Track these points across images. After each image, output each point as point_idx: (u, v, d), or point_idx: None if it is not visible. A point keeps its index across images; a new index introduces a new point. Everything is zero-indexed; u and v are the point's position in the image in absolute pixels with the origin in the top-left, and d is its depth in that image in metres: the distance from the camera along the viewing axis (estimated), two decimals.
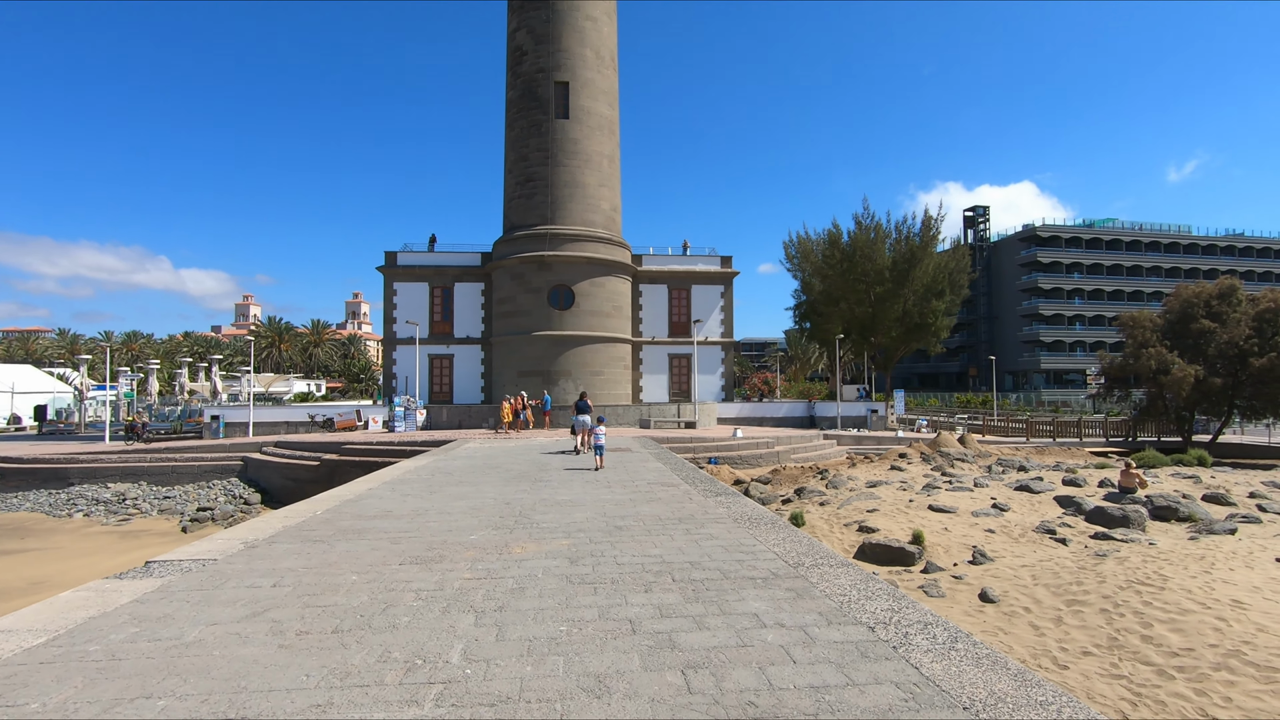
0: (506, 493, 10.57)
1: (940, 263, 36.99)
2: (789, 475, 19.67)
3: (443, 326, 36.22)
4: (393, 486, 11.20)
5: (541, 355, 33.21)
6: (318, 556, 6.39)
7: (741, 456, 24.42)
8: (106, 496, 24.17)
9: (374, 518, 8.45)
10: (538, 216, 34.32)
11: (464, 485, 11.42)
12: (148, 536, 20.57)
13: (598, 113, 35.50)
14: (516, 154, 35.33)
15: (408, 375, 34.45)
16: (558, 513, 8.76)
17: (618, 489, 10.87)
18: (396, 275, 36.09)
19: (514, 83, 35.80)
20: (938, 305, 37.20)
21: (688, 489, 10.73)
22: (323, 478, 23.28)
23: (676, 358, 37.76)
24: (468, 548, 6.77)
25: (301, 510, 8.95)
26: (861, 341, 39.79)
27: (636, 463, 15.02)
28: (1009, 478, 18.77)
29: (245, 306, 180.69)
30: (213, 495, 24.54)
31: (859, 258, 38.26)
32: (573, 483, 11.75)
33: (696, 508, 9.02)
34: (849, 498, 16.66)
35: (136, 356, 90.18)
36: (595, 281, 34.24)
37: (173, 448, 28.40)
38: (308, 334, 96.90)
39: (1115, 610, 9.49)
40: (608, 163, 35.93)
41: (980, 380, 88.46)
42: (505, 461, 15.71)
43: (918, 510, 15.07)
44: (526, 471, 13.52)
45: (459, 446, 20.48)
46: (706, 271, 38.35)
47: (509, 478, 12.52)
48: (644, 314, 37.57)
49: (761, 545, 6.71)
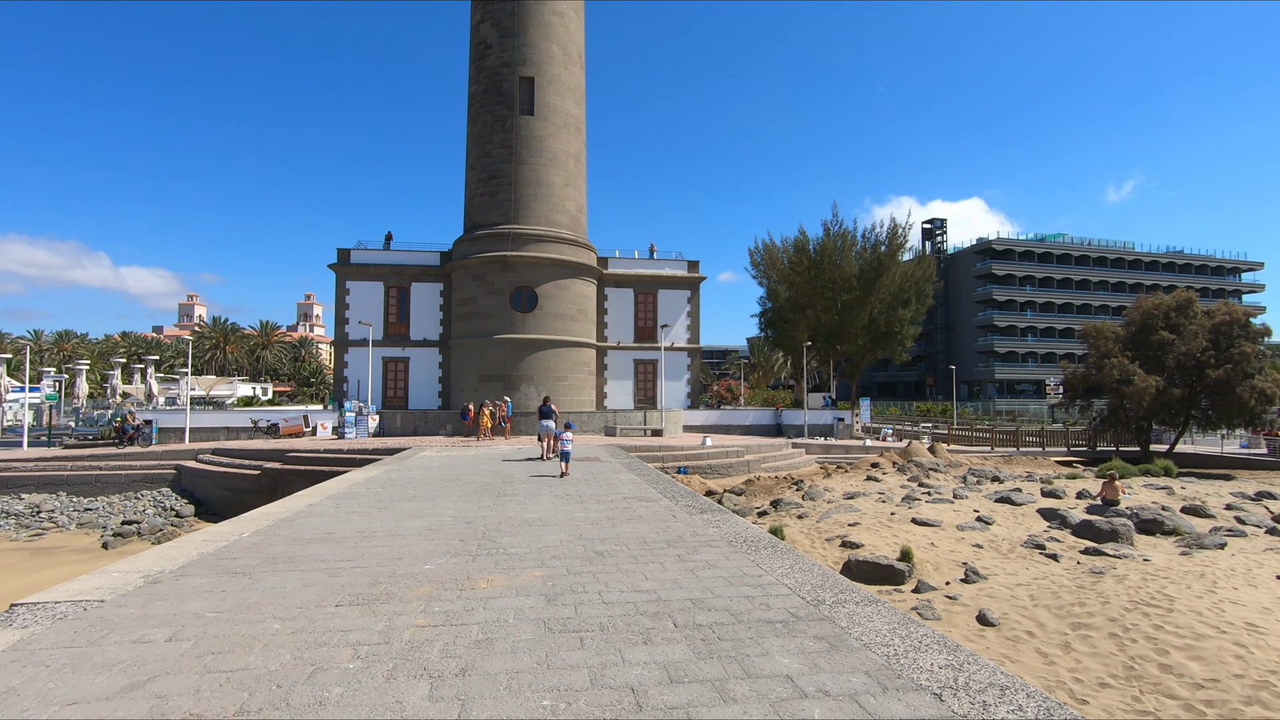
0: (468, 509, 9.44)
1: (907, 271, 37.04)
2: (763, 486, 18.90)
3: (398, 328, 34.56)
4: (337, 502, 9.95)
5: (503, 359, 31.90)
6: (235, 595, 5.21)
7: (711, 466, 23.59)
8: (18, 509, 21.96)
9: (311, 541, 7.25)
10: (500, 215, 33.05)
11: (419, 500, 10.23)
12: (63, 553, 18.59)
13: (564, 110, 34.47)
14: (479, 150, 34.02)
15: (360, 379, 32.69)
16: (528, 535, 7.69)
17: (592, 505, 9.85)
18: (349, 274, 34.31)
19: (477, 76, 34.51)
20: (904, 314, 37.22)
21: (669, 505, 9.77)
22: (265, 488, 21.57)
23: (642, 363, 36.87)
24: (422, 581, 5.67)
25: (225, 532, 7.68)
26: (828, 349, 39.57)
27: (608, 474, 14.00)
28: (986, 489, 18.37)
29: (190, 307, 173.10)
30: (140, 507, 22.52)
31: (826, 265, 38.05)
32: (541, 497, 10.67)
33: (683, 527, 8.07)
34: (827, 510, 15.95)
35: (69, 357, 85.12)
36: (559, 284, 33.13)
37: (99, 454, 26.15)
38: (255, 336, 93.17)
39: (1126, 635, 8.87)
40: (574, 162, 34.91)
41: (937, 389, 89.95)
42: (465, 472, 14.50)
43: (901, 524, 14.43)
44: (489, 484, 12.37)
45: (414, 455, 19.13)
46: (673, 276, 37.63)
47: (470, 491, 11.37)
48: (609, 318, 36.58)
49: (768, 575, 5.79)
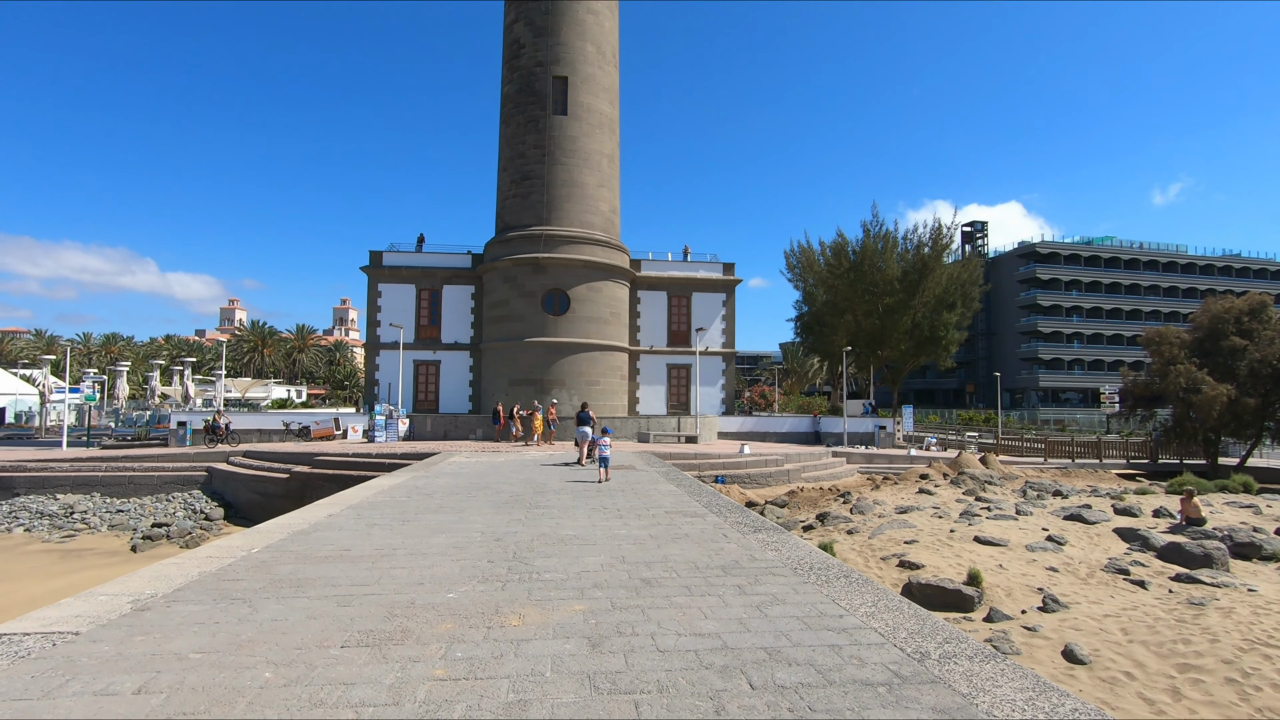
0: (497, 523, 8.66)
1: (952, 274, 35.52)
2: (807, 498, 17.84)
3: (430, 331, 34.23)
4: (358, 513, 9.26)
5: (535, 363, 31.30)
6: (228, 630, 4.47)
7: (750, 475, 22.57)
8: (53, 509, 21.95)
9: (325, 560, 6.53)
10: (533, 217, 32.52)
11: (445, 512, 9.50)
12: (92, 556, 18.39)
13: (598, 110, 33.86)
14: (512, 151, 33.58)
15: (391, 382, 32.39)
16: (564, 555, 6.86)
17: (632, 520, 8.99)
18: (381, 276, 34.12)
19: (510, 77, 34.11)
20: (949, 318, 35.67)
21: (716, 521, 8.87)
22: (293, 492, 21.20)
23: (675, 368, 36.00)
24: (444, 615, 4.88)
25: (234, 547, 7.01)
26: (868, 355, 38.18)
27: (646, 484, 13.14)
28: (1051, 504, 17.04)
29: (231, 311, 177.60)
30: (171, 509, 22.35)
31: (866, 267, 36.72)
32: (577, 510, 9.85)
33: (738, 550, 7.16)
34: (879, 525, 14.86)
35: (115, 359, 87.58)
36: (592, 286, 32.45)
37: (132, 456, 26.18)
38: (292, 339, 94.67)
39: (1246, 681, 7.70)
40: (607, 162, 34.26)
41: (978, 397, 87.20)
42: (495, 480, 13.77)
43: (962, 543, 13.29)
44: (520, 494, 11.61)
45: (443, 460, 18.51)
46: (708, 279, 36.69)
47: (500, 502, 10.61)
48: (642, 322, 35.79)
49: (851, 616, 4.86)
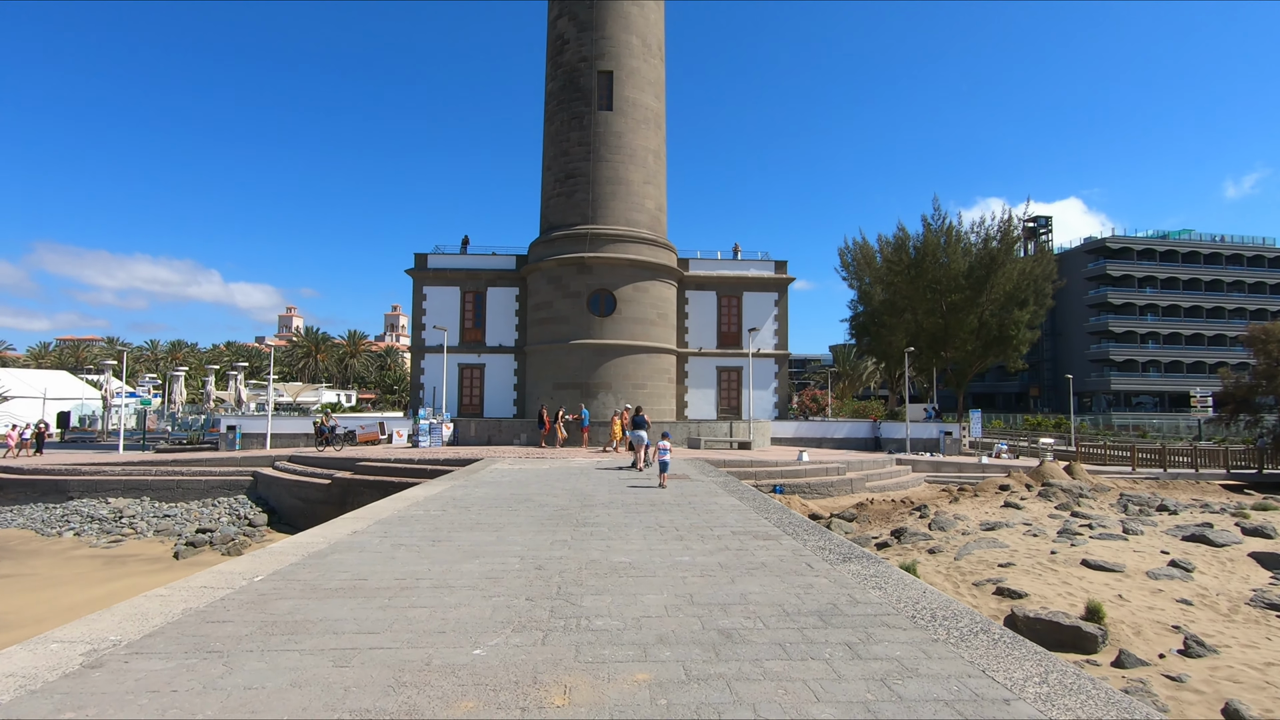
0: (539, 545, 7.53)
1: (1024, 268, 33.12)
2: (878, 511, 16.25)
3: (474, 334, 33.66)
4: (385, 530, 8.26)
5: (580, 366, 30.33)
6: (184, 703, 3.41)
7: (810, 484, 21.03)
8: (103, 513, 21.94)
9: (335, 593, 5.49)
10: (578, 215, 31.62)
11: (481, 530, 8.42)
12: (135, 563, 18.12)
13: (643, 104, 32.78)
14: (556, 149, 32.78)
15: (435, 386, 31.89)
16: (618, 592, 5.66)
17: (695, 542, 7.74)
18: (426, 279, 33.72)
19: (554, 73, 33.36)
20: (1020, 316, 33.27)
21: (794, 545, 7.55)
22: (334, 499, 20.65)
23: (726, 371, 34.53)
24: (465, 685, 3.73)
25: (235, 573, 6.04)
26: (931, 356, 36.00)
27: (703, 496, 11.87)
28: (1160, 521, 15.07)
29: (288, 318, 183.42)
30: (216, 515, 22.11)
31: (928, 263, 34.63)
32: (629, 528, 8.65)
33: (831, 587, 5.84)
34: (965, 544, 13.23)
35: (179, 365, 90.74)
36: (639, 286, 31.32)
37: (182, 460, 26.22)
38: (344, 345, 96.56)
39: None
40: (653, 158, 33.13)
41: (1043, 401, 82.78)
42: (539, 490, 12.70)
43: (1068, 566, 11.59)
44: (566, 507, 10.48)
45: (486, 468, 17.60)
46: (759, 278, 35.12)
47: (543, 517, 9.50)
48: (690, 323, 34.47)
49: (1021, 701, 3.51)
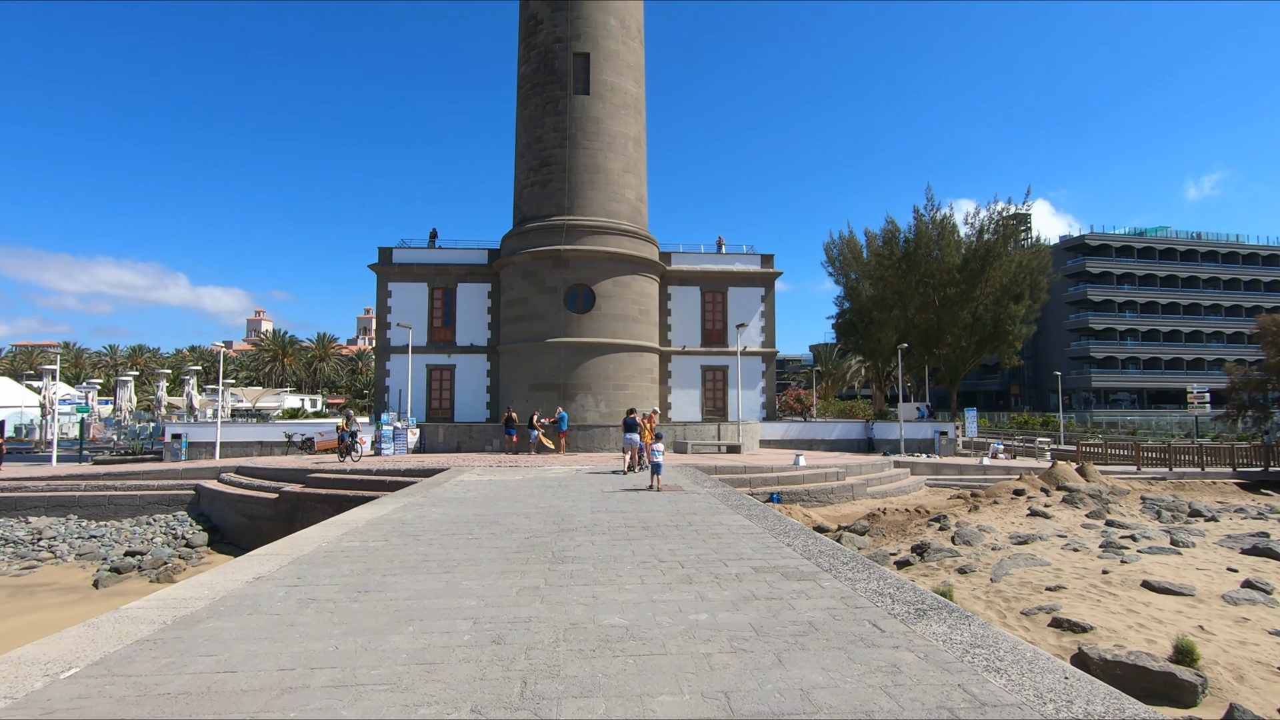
0: (501, 595, 5.62)
1: (1021, 261, 31.92)
2: (892, 523, 14.56)
3: (443, 333, 31.49)
4: (301, 573, 6.29)
5: (557, 366, 28.37)
6: None
7: (810, 491, 19.34)
8: (20, 535, 19.45)
9: (178, 697, 3.53)
10: (554, 206, 29.66)
11: (427, 572, 6.47)
12: (47, 594, 15.76)
13: (623, 89, 30.95)
14: (530, 135, 30.80)
15: (401, 389, 29.69)
16: (614, 690, 3.75)
17: (709, 586, 5.89)
18: (391, 274, 31.47)
19: (527, 55, 31.38)
20: (1016, 310, 32.08)
21: (840, 589, 5.73)
22: (282, 515, 18.45)
23: (710, 370, 32.81)
24: None
25: (42, 660, 4.04)
26: (923, 353, 34.67)
27: (704, 512, 10.02)
28: (1208, 530, 13.58)
29: (257, 322, 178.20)
30: (150, 534, 19.75)
31: (921, 256, 33.31)
32: (621, 564, 6.77)
33: (923, 668, 4.02)
34: (999, 561, 11.58)
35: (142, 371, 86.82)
36: (619, 281, 29.46)
37: (117, 472, 23.75)
38: (313, 348, 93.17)
39: None
40: (633, 146, 31.31)
41: (1024, 399, 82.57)
42: (508, 508, 10.75)
43: (1127, 589, 9.98)
44: (540, 532, 8.56)
45: (450, 480, 15.59)
46: (744, 272, 33.47)
47: (511, 548, 7.57)
48: (673, 319, 32.69)
49: None
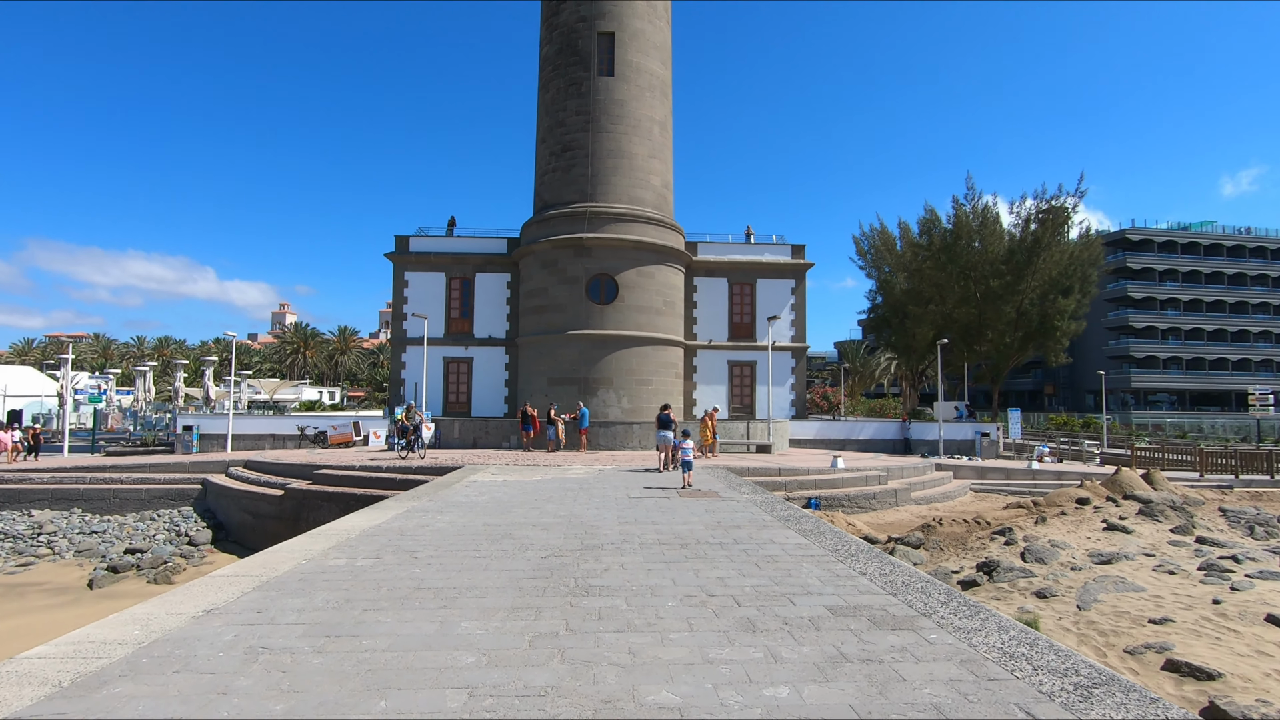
0: (509, 649, 4.31)
1: (1072, 252, 29.96)
2: (950, 535, 13.07)
3: (461, 324, 30.40)
4: (264, 603, 5.05)
5: (578, 359, 27.12)
6: None
7: (850, 496, 17.88)
8: (20, 529, 18.70)
9: None
10: (576, 192, 28.38)
11: (418, 606, 5.20)
12: (37, 595, 14.88)
13: (648, 70, 29.55)
14: (551, 119, 29.53)
15: (417, 382, 28.67)
16: None
17: (779, 637, 4.53)
18: (408, 264, 30.44)
19: (549, 36, 30.09)
20: (1064, 305, 30.12)
21: (954, 644, 4.36)
22: (287, 513, 17.42)
23: (738, 365, 31.34)
24: None
25: None
26: (963, 349, 32.86)
27: (749, 525, 8.65)
28: None
29: (281, 315, 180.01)
30: (153, 531, 18.87)
31: (960, 248, 31.49)
32: (661, 599, 5.43)
33: None
34: (1083, 584, 10.08)
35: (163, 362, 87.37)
36: (643, 271, 28.11)
37: (124, 465, 22.97)
38: (334, 341, 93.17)
39: None
40: (659, 130, 29.91)
41: (1058, 399, 79.82)
42: (523, 516, 9.47)
43: (1248, 623, 8.43)
44: (560, 550, 7.26)
45: (460, 481, 14.39)
46: (774, 263, 31.91)
47: (524, 573, 6.28)
48: (699, 312, 31.27)
49: None
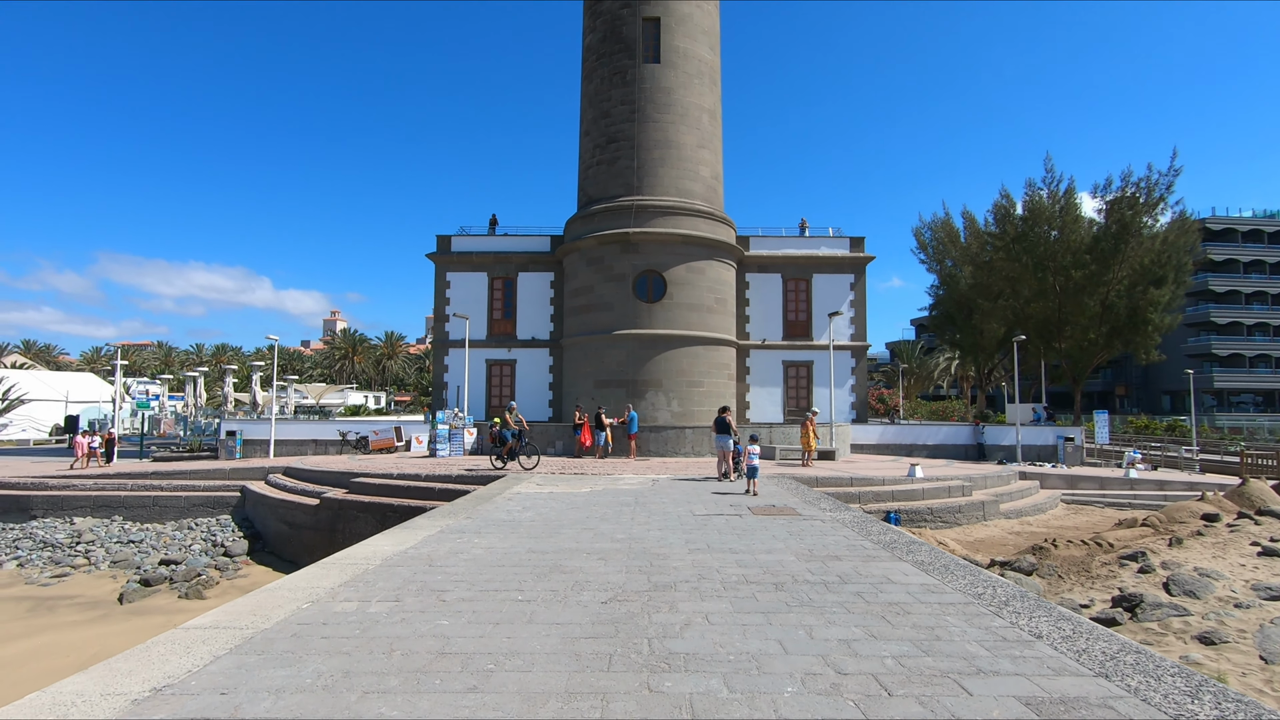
0: None
1: (1165, 237, 27.24)
2: (1069, 560, 11.15)
3: (503, 325, 29.39)
4: (235, 678, 3.71)
5: (625, 361, 25.77)
6: None
7: (931, 509, 16.00)
8: (60, 538, 18.25)
9: None
10: (621, 186, 27.08)
11: (437, 688, 3.77)
12: (68, 609, 14.20)
13: (696, 56, 28.08)
14: (596, 110, 28.31)
15: (459, 385, 27.73)
16: None
17: None
18: (449, 264, 29.60)
19: (593, 24, 28.91)
20: (1157, 296, 27.39)
21: None
22: (322, 523, 16.47)
23: (793, 365, 29.51)
24: None
25: None
26: (1041, 346, 30.31)
27: (854, 558, 7.04)
28: None
29: (332, 322, 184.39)
30: (189, 541, 18.20)
31: (1037, 236, 29.01)
32: (776, 680, 3.90)
33: None
34: (1260, 627, 8.12)
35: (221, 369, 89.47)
36: (693, 267, 26.61)
37: (164, 472, 22.54)
38: (381, 347, 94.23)
39: None
40: (708, 118, 28.38)
41: (1131, 400, 74.93)
42: (574, 540, 8.07)
43: None
44: (623, 591, 5.80)
45: (503, 493, 13.11)
46: (831, 257, 29.96)
47: (582, 628, 4.83)
48: (751, 310, 29.57)
49: None
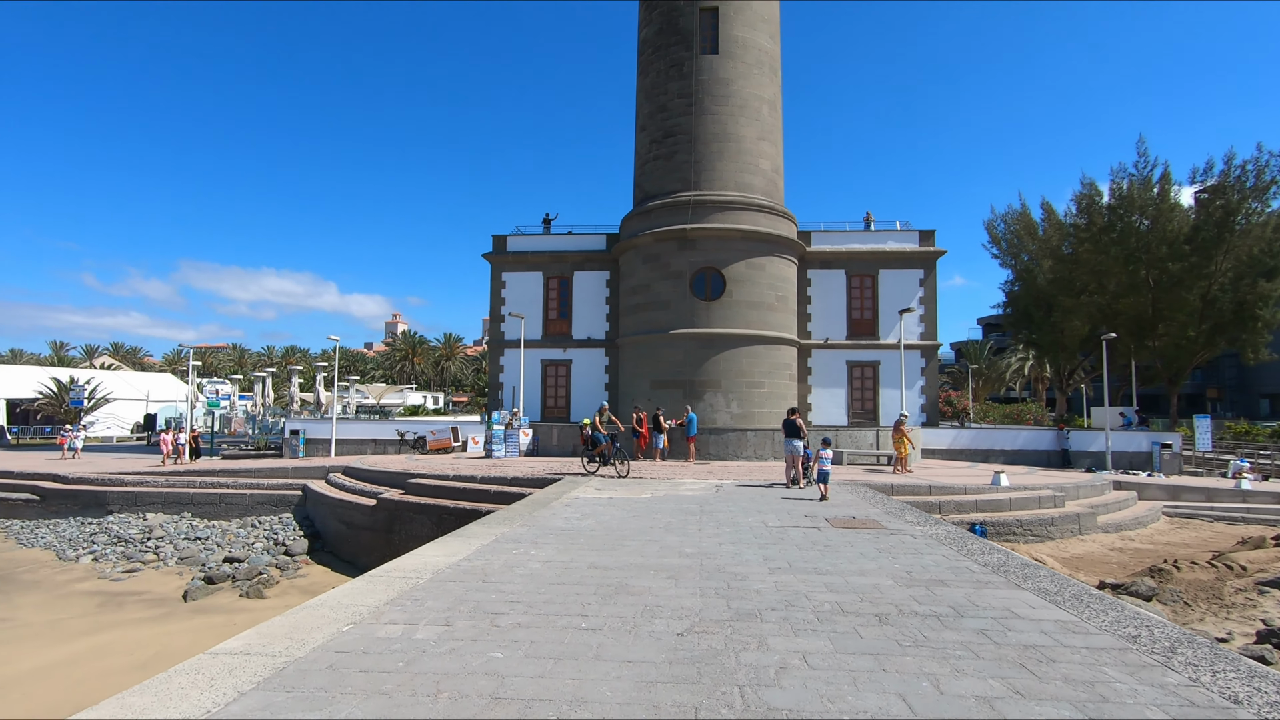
0: None
1: (1275, 224, 24.80)
2: (1195, 585, 9.81)
3: (559, 325, 29.05)
4: None
5: (683, 360, 25.00)
6: None
7: (1021, 521, 14.66)
8: (132, 533, 18.73)
9: None
10: (678, 181, 26.35)
11: None
12: (135, 605, 14.39)
13: (756, 45, 27.10)
14: (652, 105, 27.66)
15: (515, 385, 27.52)
16: None
17: None
18: (505, 263, 29.46)
19: (649, 17, 28.28)
20: (1267, 289, 24.94)
21: None
22: (379, 524, 16.31)
23: (857, 366, 28.15)
24: None
25: None
26: (1131, 344, 28.08)
27: (961, 583, 6.12)
28: None
29: (394, 325, 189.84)
30: (251, 539, 18.39)
31: (1128, 226, 26.86)
32: None
33: None
34: None
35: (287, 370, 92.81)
36: (753, 263, 25.64)
37: (230, 470, 23.04)
38: (440, 349, 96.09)
39: None
40: (768, 110, 27.35)
41: (1224, 404, 69.55)
42: (638, 554, 7.36)
43: None
44: (700, 619, 5.07)
45: (560, 498, 12.54)
46: (899, 252, 28.46)
47: (658, 669, 4.11)
48: (814, 308, 28.36)
49: None
